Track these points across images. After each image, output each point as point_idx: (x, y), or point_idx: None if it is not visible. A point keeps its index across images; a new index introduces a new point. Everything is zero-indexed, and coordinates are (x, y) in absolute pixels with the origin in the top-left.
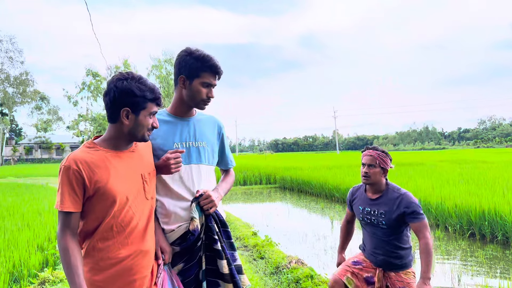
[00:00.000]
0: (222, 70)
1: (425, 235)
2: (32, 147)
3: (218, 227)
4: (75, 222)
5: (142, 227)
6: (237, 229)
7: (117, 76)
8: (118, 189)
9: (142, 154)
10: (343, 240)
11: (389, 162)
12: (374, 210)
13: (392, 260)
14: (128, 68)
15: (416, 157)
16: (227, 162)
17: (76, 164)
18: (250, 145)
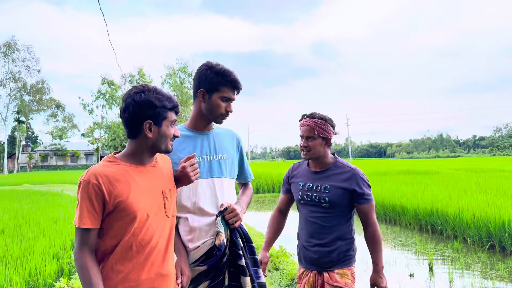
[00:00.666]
0: (242, 85)
1: (373, 221)
2: (48, 154)
3: (242, 241)
4: (93, 239)
5: (163, 247)
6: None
7: (132, 90)
8: (139, 205)
9: (162, 169)
10: (271, 234)
11: (331, 129)
12: (317, 185)
13: (327, 254)
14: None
15: (431, 165)
16: (246, 175)
17: (96, 178)
18: (262, 152)
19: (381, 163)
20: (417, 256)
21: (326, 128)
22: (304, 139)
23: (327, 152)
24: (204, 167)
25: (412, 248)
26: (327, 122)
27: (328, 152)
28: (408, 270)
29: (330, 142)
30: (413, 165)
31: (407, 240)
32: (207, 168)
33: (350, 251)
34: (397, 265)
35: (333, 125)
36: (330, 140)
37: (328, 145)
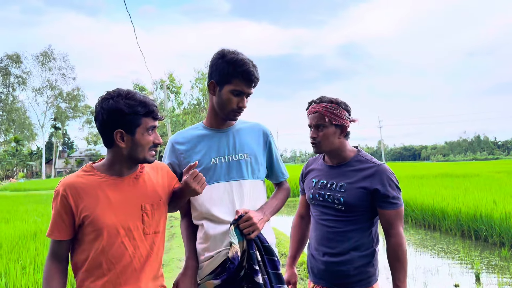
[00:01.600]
0: (258, 77)
1: (398, 231)
2: (83, 160)
3: (261, 254)
4: (63, 250)
5: (138, 266)
6: (281, 244)
7: (102, 96)
8: (107, 220)
9: (148, 181)
10: (295, 246)
11: (346, 114)
12: (332, 183)
13: (337, 266)
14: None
15: (469, 167)
16: (277, 174)
17: (64, 189)
18: (292, 156)
19: (416, 166)
20: (461, 264)
21: (339, 113)
22: (313, 128)
23: (345, 143)
24: (222, 170)
25: (455, 256)
26: (340, 106)
27: (346, 144)
28: (453, 280)
29: (346, 130)
30: (450, 168)
31: (449, 246)
32: (224, 170)
33: (369, 266)
34: (440, 274)
35: (348, 110)
36: (346, 128)
37: (345, 135)
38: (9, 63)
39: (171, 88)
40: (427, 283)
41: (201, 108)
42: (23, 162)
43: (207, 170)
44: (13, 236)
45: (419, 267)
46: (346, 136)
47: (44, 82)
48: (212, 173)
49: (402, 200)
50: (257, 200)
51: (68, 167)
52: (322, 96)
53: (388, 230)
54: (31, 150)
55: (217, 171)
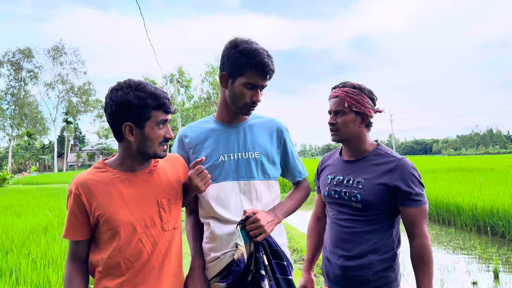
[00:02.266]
0: (273, 68)
1: (422, 231)
2: (94, 153)
3: (268, 259)
4: (82, 250)
5: (157, 264)
6: (293, 239)
7: (113, 86)
8: (122, 218)
9: (163, 175)
10: (312, 249)
11: (370, 102)
12: (349, 179)
13: (354, 271)
14: (182, 75)
15: (482, 162)
16: (293, 173)
17: (77, 188)
18: (302, 150)
19: (428, 160)
20: (479, 261)
21: (361, 99)
22: (332, 114)
23: (364, 134)
24: (230, 168)
25: (471, 252)
26: (363, 92)
27: (365, 135)
28: (470, 277)
29: (368, 119)
30: (462, 162)
31: (465, 242)
32: (233, 168)
33: (389, 270)
34: (457, 272)
35: (372, 98)
36: (368, 117)
37: (366, 125)
38: (21, 57)
39: (181, 82)
40: (444, 280)
41: (211, 102)
42: (36, 156)
43: (215, 167)
44: (25, 230)
45: (435, 263)
46: (367, 126)
47: (56, 76)
48: (220, 171)
49: (425, 197)
50: (268, 201)
51: (79, 160)
52: (345, 81)
53: (411, 230)
54: (43, 144)
55: (225, 168)
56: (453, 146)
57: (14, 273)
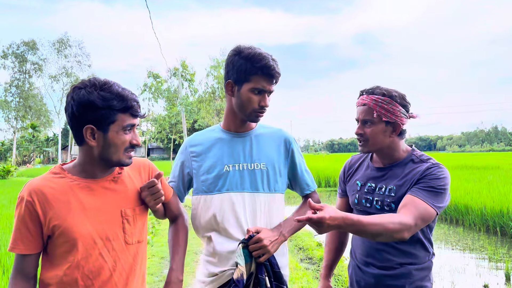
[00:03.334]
0: (279, 71)
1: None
2: None
3: (270, 281)
4: (30, 266)
5: (120, 282)
6: (299, 238)
7: (75, 84)
8: (81, 230)
9: (129, 183)
10: (331, 255)
11: (402, 110)
12: (381, 186)
13: (389, 280)
14: (186, 68)
15: (488, 159)
16: (301, 186)
17: (30, 195)
18: (305, 145)
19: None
20: (489, 262)
21: (392, 108)
22: (360, 124)
23: (397, 142)
24: (235, 178)
25: (481, 253)
26: (394, 100)
27: (399, 143)
28: (481, 279)
29: (400, 128)
30: (468, 159)
31: (474, 243)
32: (238, 179)
33: (425, 280)
34: (467, 274)
35: (404, 104)
36: (400, 126)
37: (398, 133)
38: (25, 50)
39: (184, 76)
40: (454, 283)
41: (216, 96)
42: (40, 148)
43: (219, 177)
44: None
45: (445, 264)
46: (400, 135)
47: (60, 69)
48: (224, 181)
49: (441, 207)
50: (273, 216)
51: None
52: (375, 86)
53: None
54: (48, 137)
55: (229, 179)
56: (458, 143)
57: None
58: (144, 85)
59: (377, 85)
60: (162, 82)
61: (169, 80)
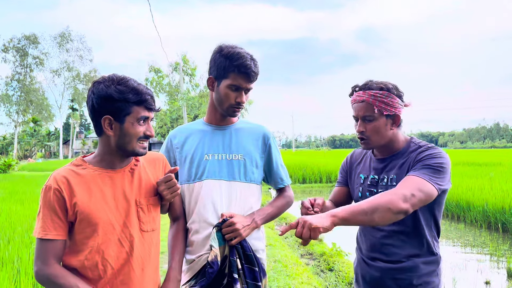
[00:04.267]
0: (256, 71)
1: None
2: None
3: (241, 263)
4: (60, 251)
5: (137, 266)
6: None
7: (96, 80)
8: (101, 216)
9: (144, 174)
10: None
11: (398, 101)
12: (383, 177)
13: (395, 274)
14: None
15: (490, 156)
16: (276, 180)
17: (57, 183)
18: (307, 141)
19: None
20: (491, 259)
21: (391, 101)
22: (360, 121)
23: (397, 134)
24: (212, 167)
25: (483, 250)
26: (392, 92)
27: (398, 134)
28: (483, 276)
29: (399, 120)
30: (470, 155)
31: (475, 239)
32: (216, 168)
33: (433, 275)
34: (468, 270)
35: (400, 95)
36: (399, 117)
37: (398, 125)
38: (26, 43)
39: (185, 70)
40: (456, 279)
41: None
42: (41, 143)
43: (199, 165)
44: (28, 219)
45: (446, 260)
46: (399, 126)
47: (62, 63)
48: (203, 169)
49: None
50: (248, 204)
51: (85, 148)
52: (368, 81)
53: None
54: (49, 131)
55: (208, 167)
56: (459, 139)
57: (15, 264)
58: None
59: (369, 79)
60: (163, 77)
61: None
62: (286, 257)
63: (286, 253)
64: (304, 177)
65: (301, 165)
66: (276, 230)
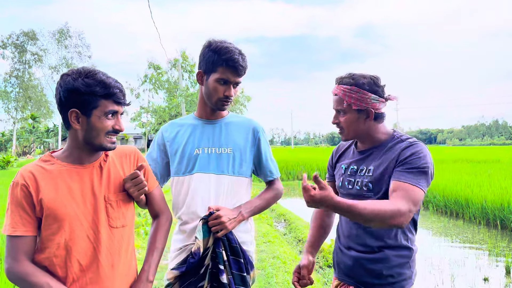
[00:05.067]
0: (243, 65)
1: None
2: None
3: (227, 255)
4: (31, 247)
5: (106, 263)
6: (298, 229)
7: (64, 73)
8: (68, 211)
9: (113, 169)
10: (315, 232)
11: (372, 96)
12: (362, 168)
13: (367, 264)
14: (186, 59)
15: (488, 153)
16: (265, 173)
17: (24, 179)
18: (305, 138)
19: (433, 150)
20: (489, 256)
21: (360, 96)
22: (335, 113)
23: (375, 127)
24: (202, 160)
25: (481, 246)
26: (362, 88)
27: (376, 127)
28: (481, 273)
29: (372, 114)
30: (469, 152)
31: (474, 236)
32: (205, 161)
33: (405, 268)
34: (467, 267)
35: (374, 90)
36: (372, 112)
37: (374, 118)
38: (25, 40)
39: (184, 67)
40: (454, 275)
41: None
42: (40, 139)
43: (189, 159)
44: None
45: (445, 257)
46: (376, 120)
47: (61, 59)
48: (194, 163)
49: (425, 184)
50: (237, 198)
51: None
52: (347, 74)
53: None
54: (48, 127)
55: (198, 161)
56: (458, 136)
57: None
58: (145, 76)
59: (350, 72)
60: (162, 74)
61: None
62: (285, 254)
63: (285, 249)
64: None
65: (300, 162)
66: (275, 227)
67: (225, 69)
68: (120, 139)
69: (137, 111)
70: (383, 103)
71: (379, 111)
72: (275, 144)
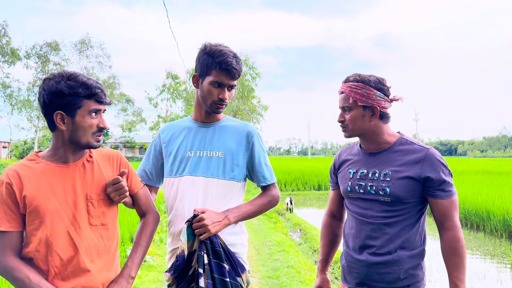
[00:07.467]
0: (237, 68)
1: (455, 223)
2: (118, 146)
3: (209, 258)
4: (16, 242)
5: (87, 259)
6: (314, 239)
7: (46, 76)
8: (49, 207)
9: (97, 170)
10: (326, 249)
11: (378, 93)
12: (375, 171)
13: (382, 267)
14: None
15: (510, 164)
16: (258, 178)
17: (8, 177)
18: (323, 148)
19: (453, 161)
20: (511, 269)
21: (366, 92)
22: (341, 111)
23: (380, 126)
24: (193, 163)
25: (503, 260)
26: (368, 85)
27: (381, 127)
28: (502, 287)
29: (378, 112)
30: (490, 164)
31: (495, 249)
32: (195, 164)
33: (417, 269)
34: (488, 280)
35: (381, 88)
36: (377, 109)
37: (380, 117)
38: (48, 50)
39: None
40: None
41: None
42: None
43: (181, 161)
44: None
45: None
46: (382, 119)
47: (82, 69)
48: (185, 165)
49: (454, 187)
50: (225, 201)
51: None
52: (351, 75)
53: (443, 223)
54: None
55: (189, 164)
56: (479, 148)
57: None
58: (163, 85)
59: (357, 73)
60: (180, 83)
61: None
62: (299, 263)
63: (299, 259)
64: (319, 184)
65: (317, 172)
66: (290, 236)
67: (219, 72)
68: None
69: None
70: (389, 103)
71: (385, 110)
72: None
